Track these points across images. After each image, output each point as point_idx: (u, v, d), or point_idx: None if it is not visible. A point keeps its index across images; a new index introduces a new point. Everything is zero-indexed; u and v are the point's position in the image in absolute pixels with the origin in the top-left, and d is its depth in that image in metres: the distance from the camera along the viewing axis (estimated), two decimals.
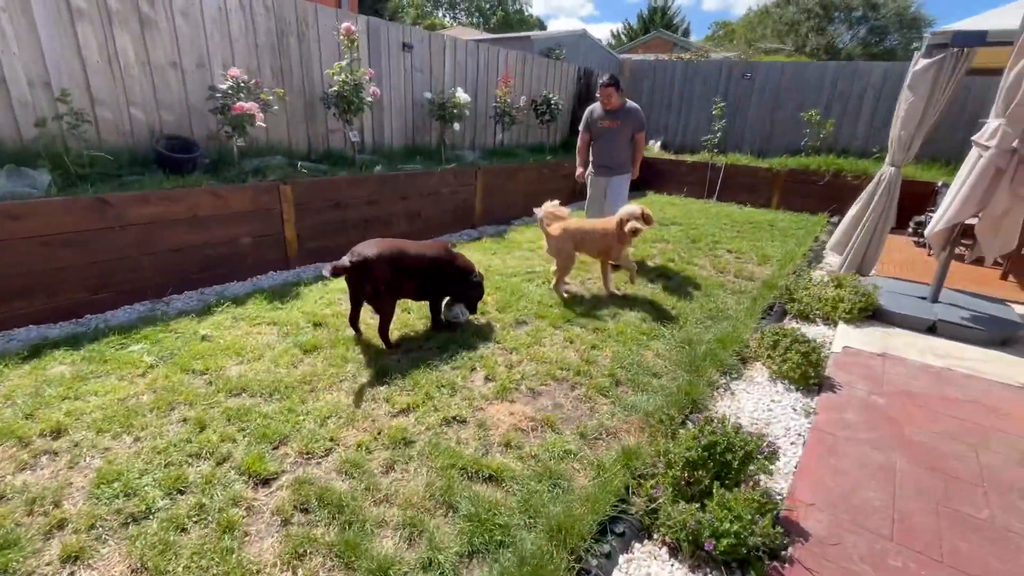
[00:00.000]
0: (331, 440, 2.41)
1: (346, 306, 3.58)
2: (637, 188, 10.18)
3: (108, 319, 3.58)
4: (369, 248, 3.17)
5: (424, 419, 2.62)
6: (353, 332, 3.46)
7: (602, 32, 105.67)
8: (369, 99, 5.45)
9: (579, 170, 5.74)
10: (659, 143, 11.11)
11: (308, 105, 5.60)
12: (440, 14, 39.88)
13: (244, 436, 2.40)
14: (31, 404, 2.52)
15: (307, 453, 2.32)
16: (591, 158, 5.55)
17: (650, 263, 5.55)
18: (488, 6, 41.00)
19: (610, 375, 3.14)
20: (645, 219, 4.31)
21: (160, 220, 3.84)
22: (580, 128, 5.56)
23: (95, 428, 2.39)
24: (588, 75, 10.28)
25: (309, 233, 4.85)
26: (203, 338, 3.33)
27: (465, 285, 3.61)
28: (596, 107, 5.41)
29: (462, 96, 6.59)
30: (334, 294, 4.13)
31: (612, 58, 13.97)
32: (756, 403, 3.03)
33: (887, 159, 4.96)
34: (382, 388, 2.89)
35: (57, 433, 2.35)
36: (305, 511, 2.01)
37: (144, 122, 4.41)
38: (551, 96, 8.42)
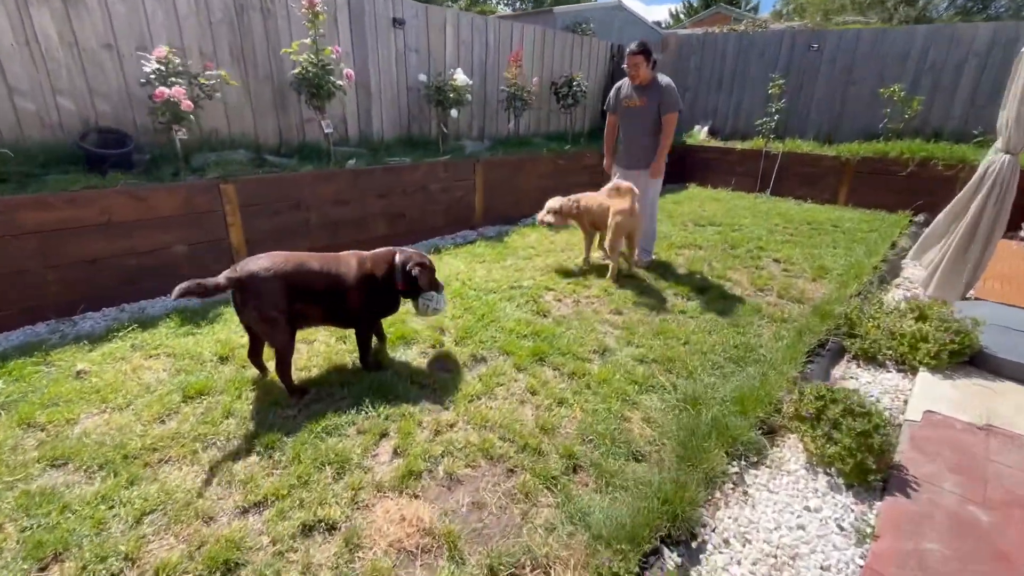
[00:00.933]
0: (125, 559, 1.70)
1: None
2: (678, 181, 9.00)
3: None
4: (257, 262, 2.45)
5: (277, 523, 1.85)
6: (256, 370, 2.76)
7: (660, 13, 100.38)
8: (341, 83, 4.73)
9: (606, 159, 4.86)
10: (706, 129, 9.79)
11: (277, 92, 4.96)
12: (494, 1, 38.75)
13: (12, 543, 1.74)
14: None
15: None
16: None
17: (669, 276, 4.52)
18: None
19: (568, 455, 2.24)
20: (559, 212, 4.42)
21: (67, 227, 3.30)
22: (606, 109, 4.68)
23: None
24: (622, 53, 9.11)
25: (261, 238, 4.21)
26: (77, 374, 2.74)
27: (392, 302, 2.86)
28: (624, 83, 4.57)
29: (461, 78, 5.76)
30: None
31: (654, 33, 12.61)
32: (780, 512, 2.04)
33: (997, 144, 3.68)
34: (251, 460, 2.16)
35: None
36: None
37: (76, 113, 3.91)
38: (575, 77, 7.40)
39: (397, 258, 2.79)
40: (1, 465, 2.07)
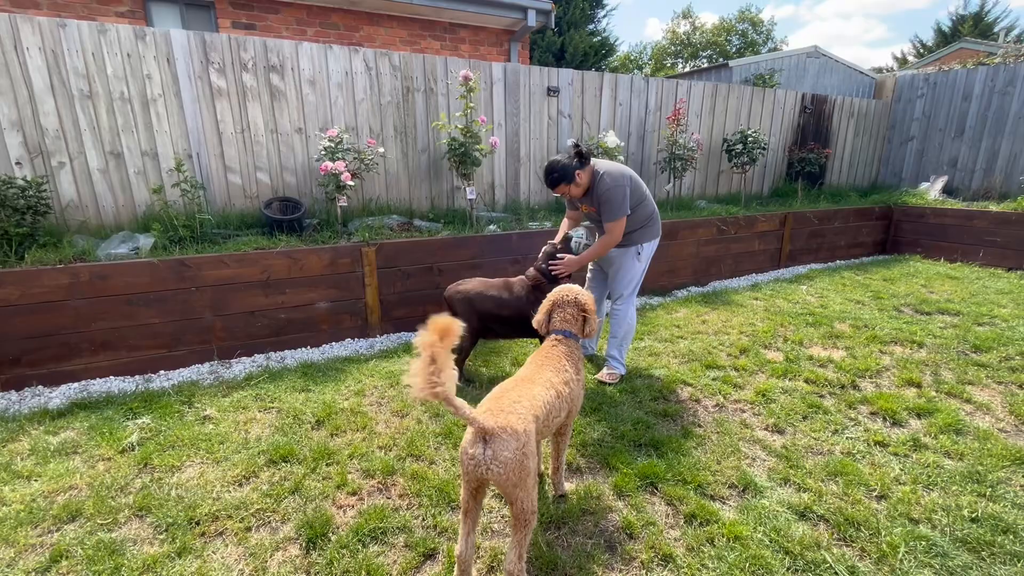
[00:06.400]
0: None
1: (367, 398, 2.84)
2: (891, 251, 7.19)
3: (172, 377, 3.59)
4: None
5: None
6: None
7: (881, 57, 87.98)
8: (485, 151, 4.82)
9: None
10: (939, 186, 7.72)
11: (432, 162, 5.29)
12: (680, 65, 38.64)
13: None
14: None
15: None
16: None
17: (866, 384, 3.32)
18: (733, 49, 37.94)
19: None
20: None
21: (236, 282, 3.80)
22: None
23: None
24: (819, 102, 7.84)
25: (394, 300, 4.35)
26: (204, 419, 2.98)
27: None
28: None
29: (612, 140, 5.45)
30: (377, 379, 3.44)
31: (860, 77, 10.66)
32: None
33: None
34: (289, 554, 1.96)
35: None
36: None
37: (269, 185, 4.64)
38: (749, 133, 6.51)
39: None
40: (103, 505, 2.24)
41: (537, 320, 2.32)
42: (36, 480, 2.40)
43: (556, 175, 3.11)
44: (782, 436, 2.77)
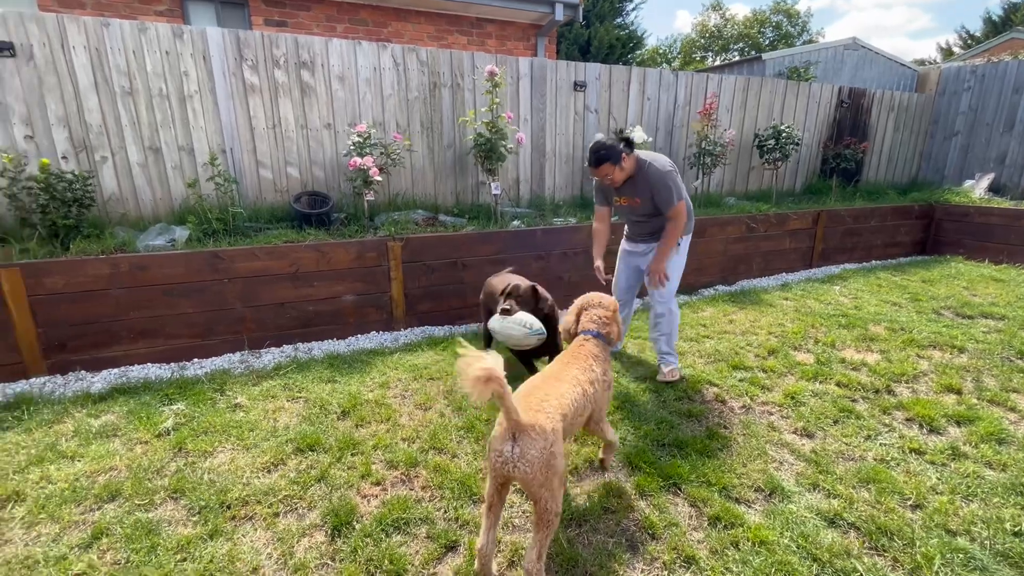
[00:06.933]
0: None
1: (391, 391, 2.91)
2: (931, 251, 6.92)
3: (205, 365, 3.70)
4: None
5: None
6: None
7: (925, 48, 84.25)
8: (511, 146, 4.81)
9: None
10: (984, 183, 7.37)
11: (457, 157, 5.31)
12: (710, 59, 37.74)
13: (100, 572, 1.85)
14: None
15: None
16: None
17: (902, 389, 3.21)
18: (766, 41, 36.80)
19: None
20: None
21: (266, 274, 3.89)
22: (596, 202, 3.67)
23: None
24: (857, 96, 7.56)
25: (419, 294, 4.40)
26: (236, 406, 3.07)
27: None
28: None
29: (639, 135, 5.37)
30: (401, 372, 3.49)
31: (901, 70, 10.20)
32: None
33: None
34: (315, 541, 2.00)
35: None
36: None
37: (298, 179, 4.74)
38: (783, 128, 6.33)
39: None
40: (141, 487, 2.33)
41: (566, 321, 2.32)
42: (79, 460, 2.52)
43: (604, 153, 3.03)
44: (812, 440, 2.70)
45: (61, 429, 2.79)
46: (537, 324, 2.77)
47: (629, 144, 3.09)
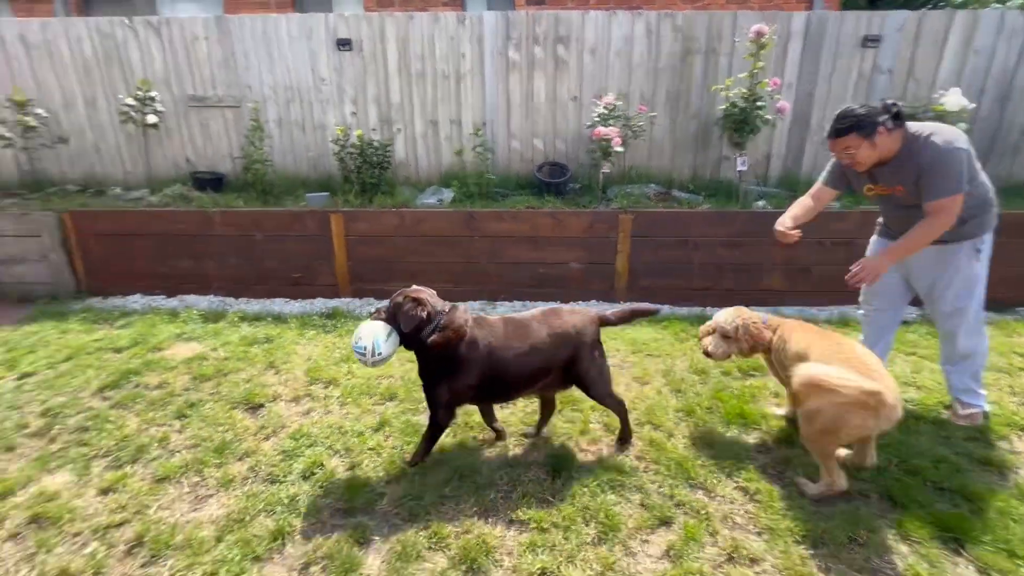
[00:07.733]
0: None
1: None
2: None
3: None
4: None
5: (523, 555, 1.84)
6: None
7: None
8: (769, 117, 4.27)
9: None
10: None
11: (701, 129, 4.97)
12: None
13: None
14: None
15: None
16: None
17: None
18: None
19: None
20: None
21: (508, 235, 4.33)
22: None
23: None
24: None
25: (644, 269, 4.34)
26: None
27: None
28: None
29: (953, 101, 4.19)
30: (620, 343, 3.54)
31: None
32: None
33: None
34: (537, 475, 2.23)
35: None
36: None
37: (542, 151, 5.09)
38: None
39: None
40: (409, 395, 2.91)
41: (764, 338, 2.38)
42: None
43: (851, 119, 2.25)
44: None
45: None
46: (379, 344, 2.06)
47: (898, 117, 2.28)
